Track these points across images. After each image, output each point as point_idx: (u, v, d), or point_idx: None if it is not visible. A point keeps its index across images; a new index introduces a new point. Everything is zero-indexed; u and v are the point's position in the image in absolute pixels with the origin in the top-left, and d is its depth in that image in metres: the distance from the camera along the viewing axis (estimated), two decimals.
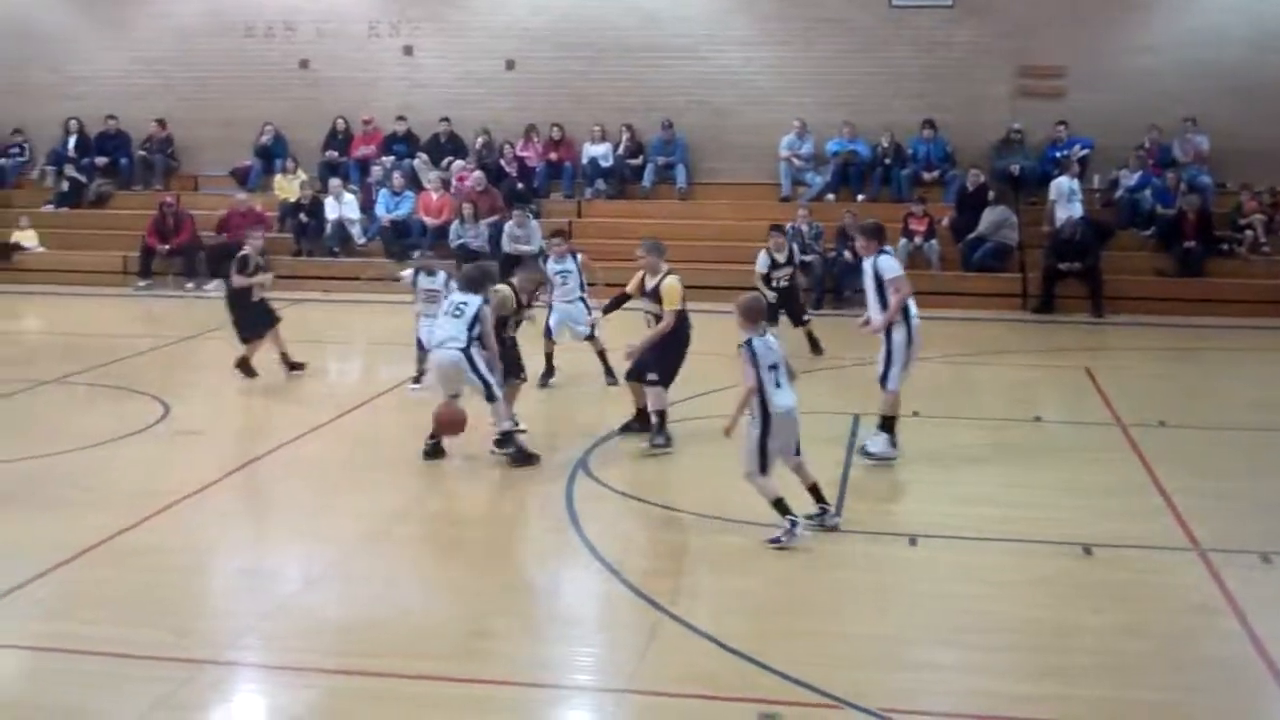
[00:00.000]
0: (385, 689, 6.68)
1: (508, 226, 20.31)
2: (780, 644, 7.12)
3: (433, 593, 8.19)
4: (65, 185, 23.27)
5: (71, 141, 23.85)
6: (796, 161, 21.98)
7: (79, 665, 6.93)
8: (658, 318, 11.59)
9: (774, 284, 15.39)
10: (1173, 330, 17.75)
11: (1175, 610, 7.86)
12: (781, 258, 15.57)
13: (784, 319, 15.32)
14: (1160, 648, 7.25)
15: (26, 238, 22.25)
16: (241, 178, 23.07)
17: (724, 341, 16.64)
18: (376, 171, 22.36)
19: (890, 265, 10.75)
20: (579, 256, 14.88)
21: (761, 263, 15.59)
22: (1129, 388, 13.97)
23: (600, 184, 22.42)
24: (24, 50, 24.23)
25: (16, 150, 24.34)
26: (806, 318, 15.81)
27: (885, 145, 21.84)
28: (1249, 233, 19.86)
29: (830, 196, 21.67)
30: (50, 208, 23.19)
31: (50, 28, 24.32)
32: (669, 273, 11.67)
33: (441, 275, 13.69)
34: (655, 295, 11.57)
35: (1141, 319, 18.36)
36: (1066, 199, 19.95)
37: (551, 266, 14.57)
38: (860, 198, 21.55)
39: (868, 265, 10.87)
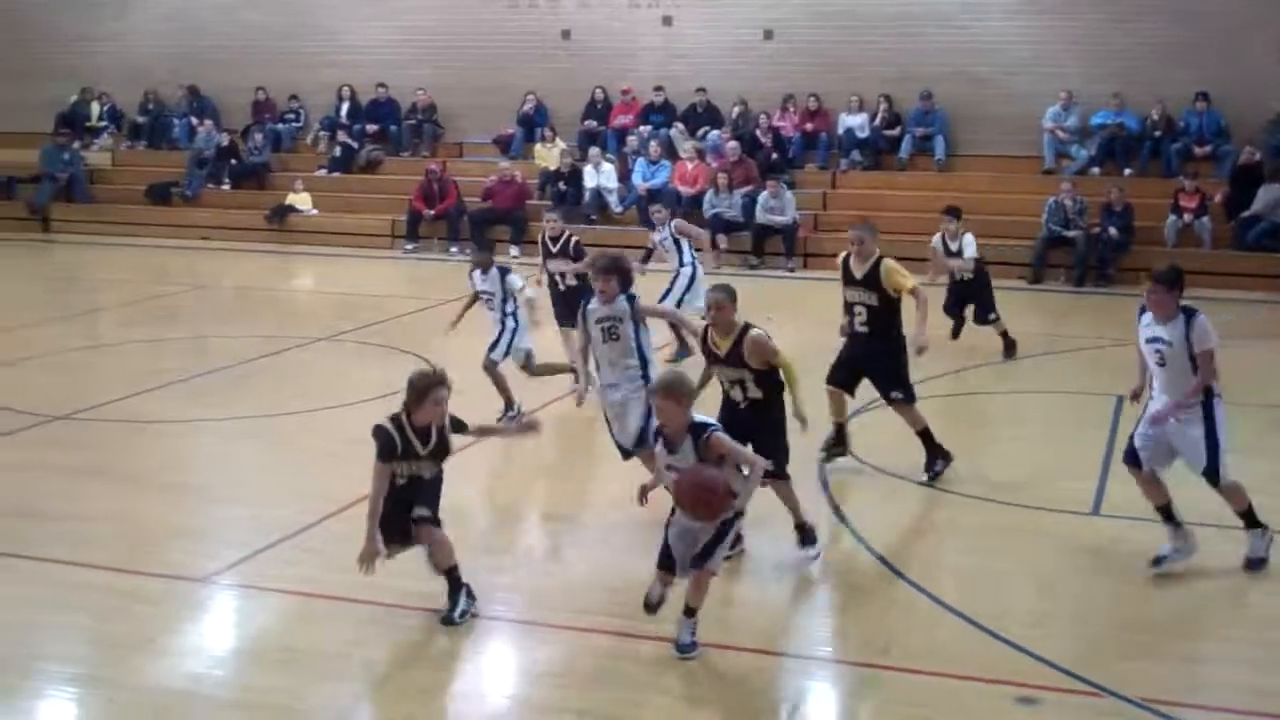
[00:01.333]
0: (648, 652, 6.79)
1: (762, 197, 20.33)
2: (1031, 623, 7.00)
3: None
4: (338, 151, 24.22)
5: (344, 108, 24.82)
6: (1061, 134, 21.34)
7: (343, 611, 7.28)
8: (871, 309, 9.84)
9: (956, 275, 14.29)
10: None
11: None
12: (954, 246, 14.38)
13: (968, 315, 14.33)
14: None
15: (300, 200, 23.27)
16: (504, 146, 23.64)
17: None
18: (633, 141, 22.62)
19: (1206, 333, 7.99)
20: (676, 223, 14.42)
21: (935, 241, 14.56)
22: None
23: (856, 155, 22.19)
24: (298, 20, 25.29)
25: (292, 116, 25.46)
26: (993, 316, 14.22)
27: (1155, 118, 21.01)
28: None
29: (1095, 170, 20.98)
30: (323, 172, 24.18)
31: None
32: (881, 257, 9.92)
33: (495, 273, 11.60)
34: (871, 282, 9.78)
35: None
36: None
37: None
38: (1127, 172, 20.78)
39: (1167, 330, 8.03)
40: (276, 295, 18.81)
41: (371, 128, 24.56)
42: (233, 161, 24.47)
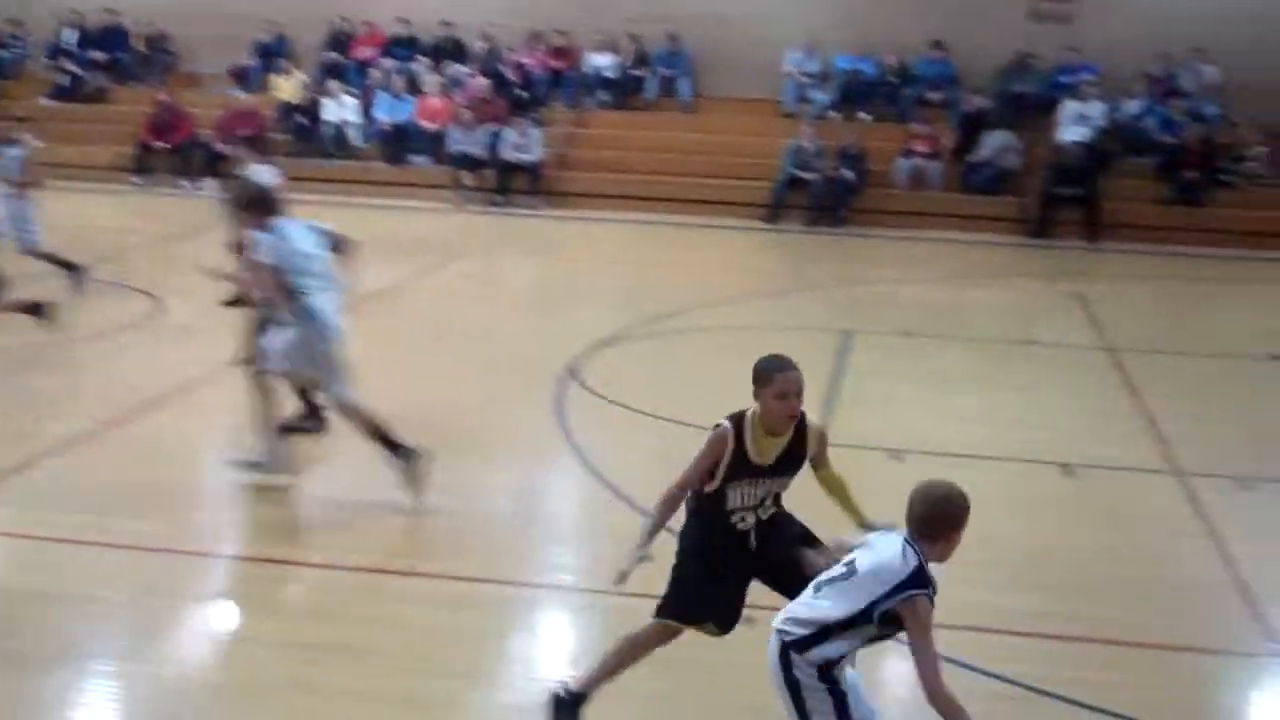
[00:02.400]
0: (370, 583, 6.75)
1: (507, 134, 20.20)
2: None
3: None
4: (64, 80, 23.06)
5: (70, 35, 23.62)
6: (802, 78, 21.79)
7: (70, 553, 6.99)
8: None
9: None
10: (1169, 259, 17.73)
11: (1151, 530, 7.96)
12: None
13: None
14: (1134, 565, 7.35)
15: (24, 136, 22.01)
16: (240, 77, 22.88)
17: (717, 255, 16.78)
18: (376, 74, 22.18)
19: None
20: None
21: None
22: (1122, 314, 14.00)
23: (603, 94, 22.24)
24: None
25: (13, 40, 24.11)
26: None
27: (892, 64, 21.67)
28: (1251, 164, 19.76)
29: (834, 114, 21.52)
30: (47, 101, 22.99)
31: None
32: None
33: None
34: None
35: (1138, 247, 18.29)
36: (1070, 125, 19.82)
37: None
38: (865, 116, 21.41)
39: None
40: None
41: (99, 56, 23.43)
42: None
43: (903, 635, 4.44)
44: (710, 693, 5.72)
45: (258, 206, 7.77)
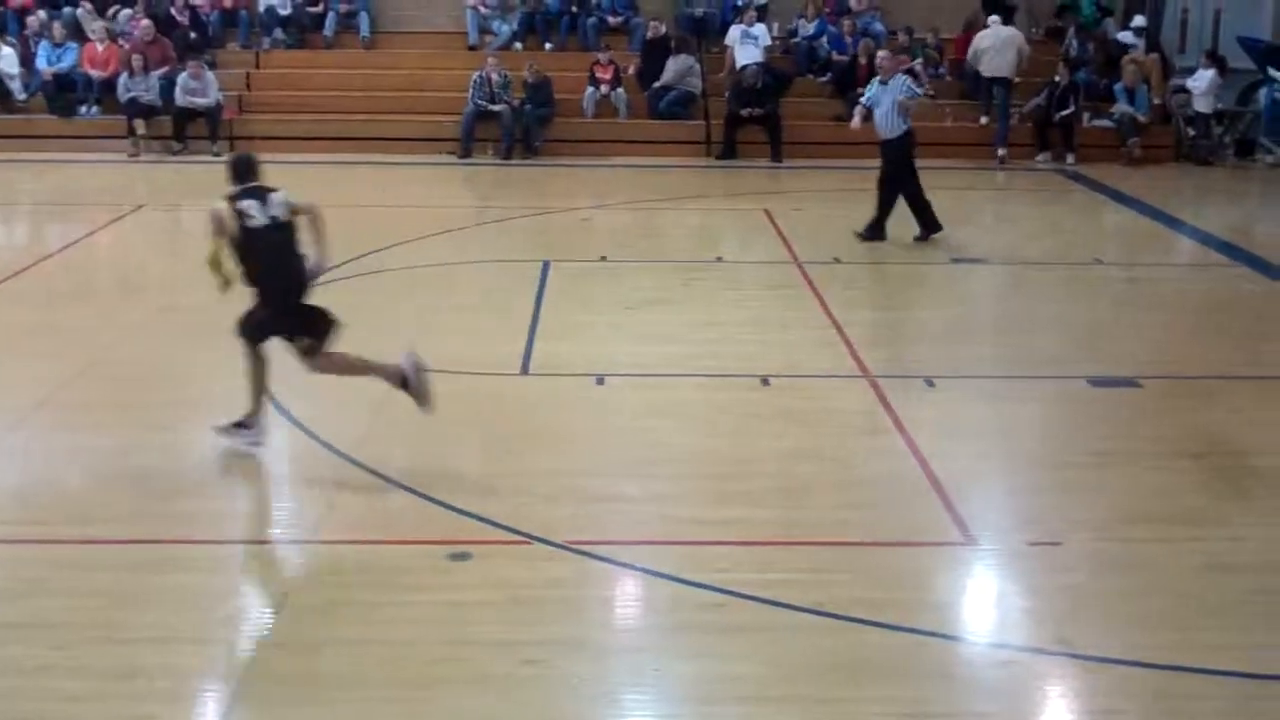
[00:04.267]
0: (69, 555, 6.49)
1: (181, 79, 19.37)
2: (468, 486, 7.20)
3: (113, 454, 7.86)
4: None
5: None
6: (483, 9, 21.60)
7: None
8: None
9: None
10: (847, 173, 18.33)
11: (847, 433, 8.32)
12: None
13: None
14: (833, 468, 7.67)
15: None
16: None
17: (409, 193, 16.57)
18: (34, 22, 20.90)
19: None
20: None
21: None
22: (806, 228, 14.47)
23: (279, 33, 21.54)
24: None
25: None
26: None
27: None
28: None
29: (518, 45, 21.44)
30: None
31: None
32: None
33: None
34: None
35: (819, 163, 18.89)
36: (743, 45, 20.27)
37: None
38: (548, 46, 21.41)
39: None
40: None
41: None
42: None
43: None
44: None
45: None
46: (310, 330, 7.76)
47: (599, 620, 5.98)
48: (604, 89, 20.18)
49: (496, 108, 19.35)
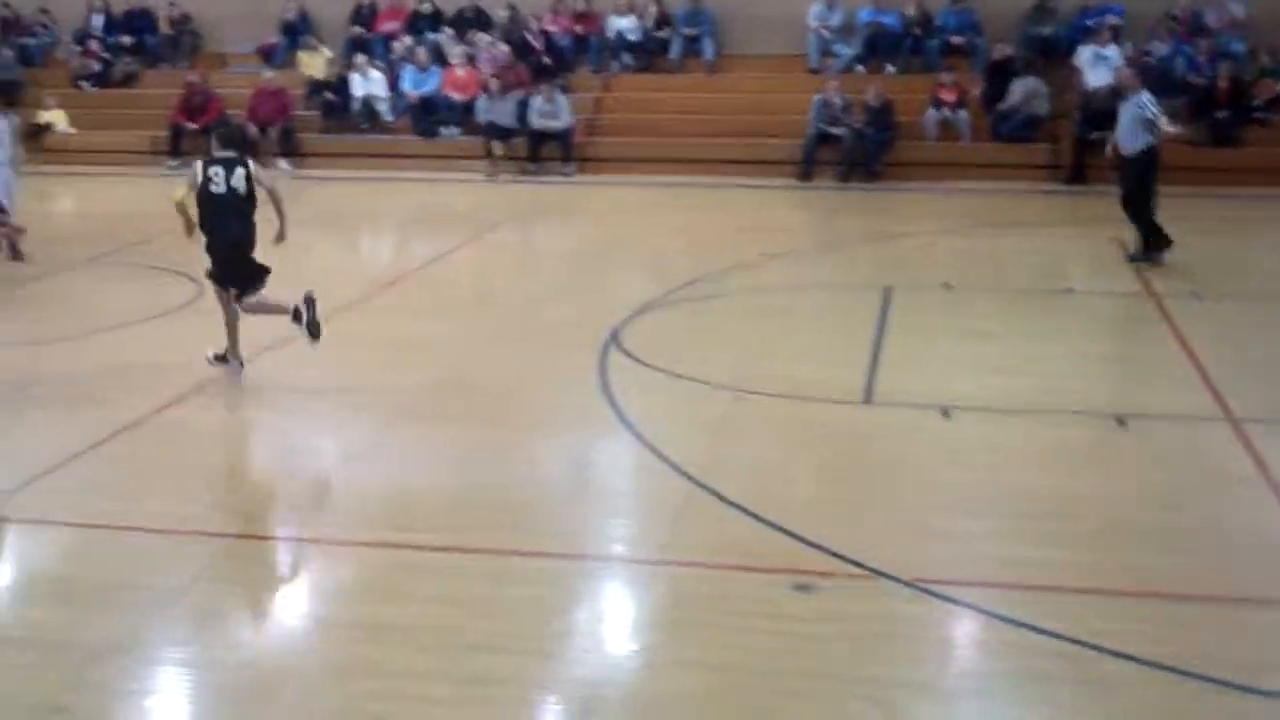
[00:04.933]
0: (425, 561, 6.78)
1: (535, 102, 20.17)
2: (812, 515, 7.20)
3: (467, 465, 8.24)
4: (93, 65, 23.13)
5: (98, 20, 23.69)
6: (825, 33, 21.65)
7: (122, 540, 7.07)
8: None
9: None
10: (1204, 200, 17.52)
11: (1207, 480, 7.91)
12: None
13: None
14: (1189, 518, 7.30)
15: (56, 118, 22.18)
16: (267, 55, 22.91)
17: (751, 215, 16.78)
18: (400, 48, 22.16)
19: None
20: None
21: None
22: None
23: (627, 58, 22.16)
24: None
25: (42, 29, 24.19)
26: None
27: (913, 15, 21.51)
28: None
29: (860, 68, 21.38)
30: (83, 85, 23.05)
31: None
32: None
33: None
34: None
35: (1173, 189, 17.99)
36: (1096, 68, 19.62)
37: None
38: (890, 69, 21.28)
39: None
40: (35, 218, 17.92)
41: (127, 40, 23.49)
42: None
43: None
44: None
45: None
46: (238, 282, 9.62)
47: (945, 663, 5.88)
48: (947, 111, 19.90)
49: (837, 131, 19.36)
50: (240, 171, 9.50)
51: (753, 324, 11.54)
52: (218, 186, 9.46)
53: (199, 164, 9.61)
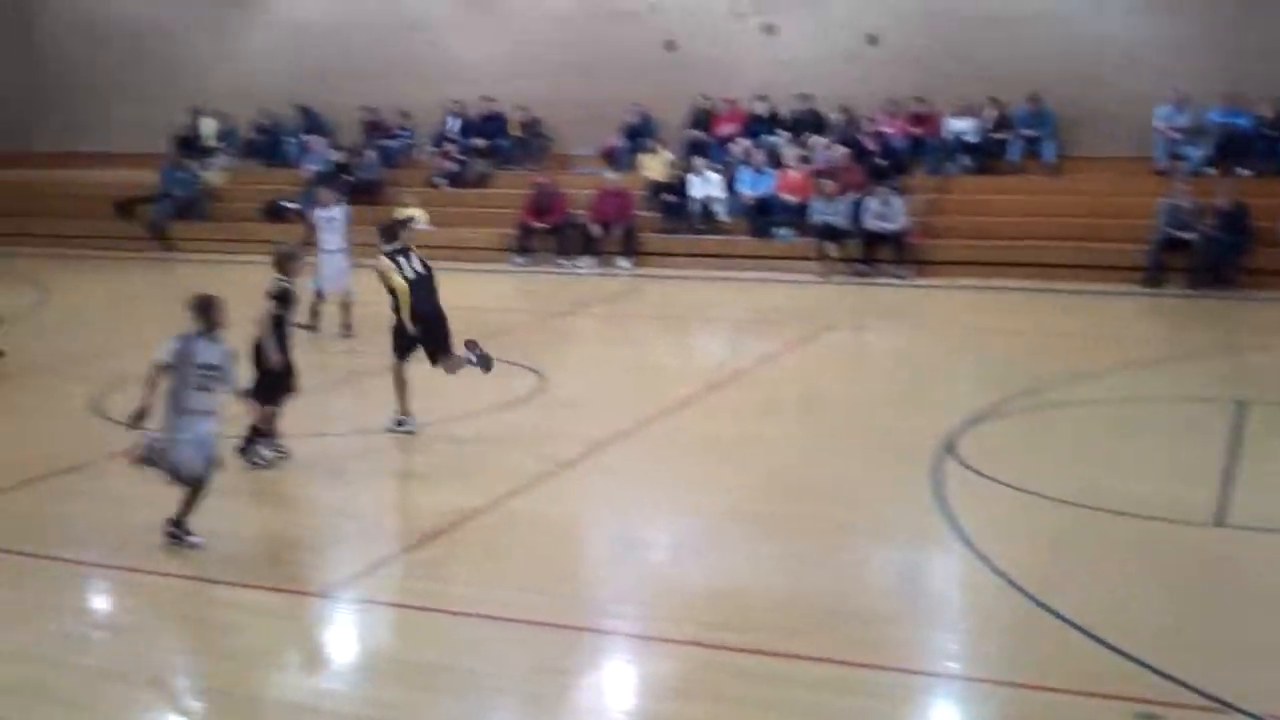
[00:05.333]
0: (751, 665, 6.78)
1: (870, 203, 20.20)
2: (1157, 640, 6.86)
3: (798, 569, 8.23)
4: (449, 165, 24.49)
5: (454, 123, 25.12)
6: (1173, 134, 20.92)
7: (462, 626, 7.35)
8: None
9: None
10: None
11: None
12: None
13: None
14: None
15: (416, 214, 23.49)
16: (610, 158, 23.75)
17: (1093, 323, 16.26)
18: (737, 150, 22.61)
19: None
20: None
21: None
22: None
23: (964, 159, 21.96)
24: (411, 37, 25.64)
25: (403, 132, 25.81)
26: None
27: (1268, 116, 20.53)
28: None
29: (1210, 170, 20.53)
30: (439, 185, 24.42)
31: (435, 14, 25.67)
32: None
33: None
34: None
35: None
36: None
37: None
38: (1243, 171, 20.34)
39: None
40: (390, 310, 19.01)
41: (480, 143, 24.81)
42: (345, 178, 24.86)
43: None
44: None
45: None
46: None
47: None
48: None
49: (1187, 236, 18.61)
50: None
51: (1095, 436, 11.16)
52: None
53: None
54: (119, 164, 26.80)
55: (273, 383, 10.20)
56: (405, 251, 11.46)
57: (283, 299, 10.48)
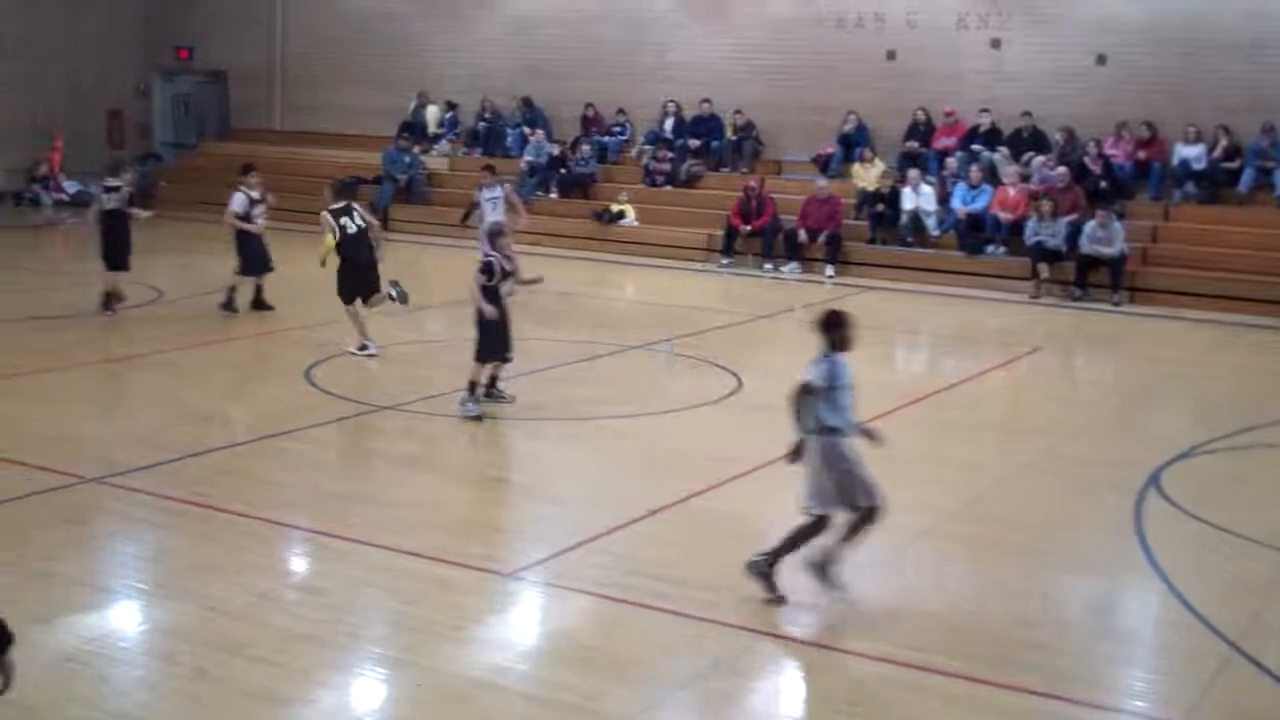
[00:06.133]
0: (923, 682, 6.70)
1: (1088, 226, 19.69)
2: None
3: (987, 594, 8.09)
4: (663, 164, 24.67)
5: (669, 123, 25.31)
6: None
7: (645, 618, 7.41)
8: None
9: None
10: None
11: None
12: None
13: None
14: None
15: (627, 211, 23.84)
16: (822, 165, 23.64)
17: None
18: (954, 164, 22.26)
19: None
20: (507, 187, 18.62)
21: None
22: None
23: (1190, 187, 21.21)
24: (637, 37, 25.92)
25: (619, 129, 26.10)
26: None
27: None
28: None
29: None
30: (651, 183, 24.66)
31: (658, 15, 25.90)
32: None
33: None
34: None
35: None
36: None
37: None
38: None
39: None
40: (595, 302, 19.31)
41: (694, 143, 24.94)
42: (561, 171, 25.28)
43: None
44: None
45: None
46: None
47: None
48: None
49: None
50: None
51: None
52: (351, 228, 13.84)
53: (325, 215, 14.04)
54: (349, 145, 27.81)
55: (488, 344, 11.50)
56: (349, 210, 14.09)
57: (487, 270, 11.47)
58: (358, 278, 13.98)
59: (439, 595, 7.67)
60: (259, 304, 16.27)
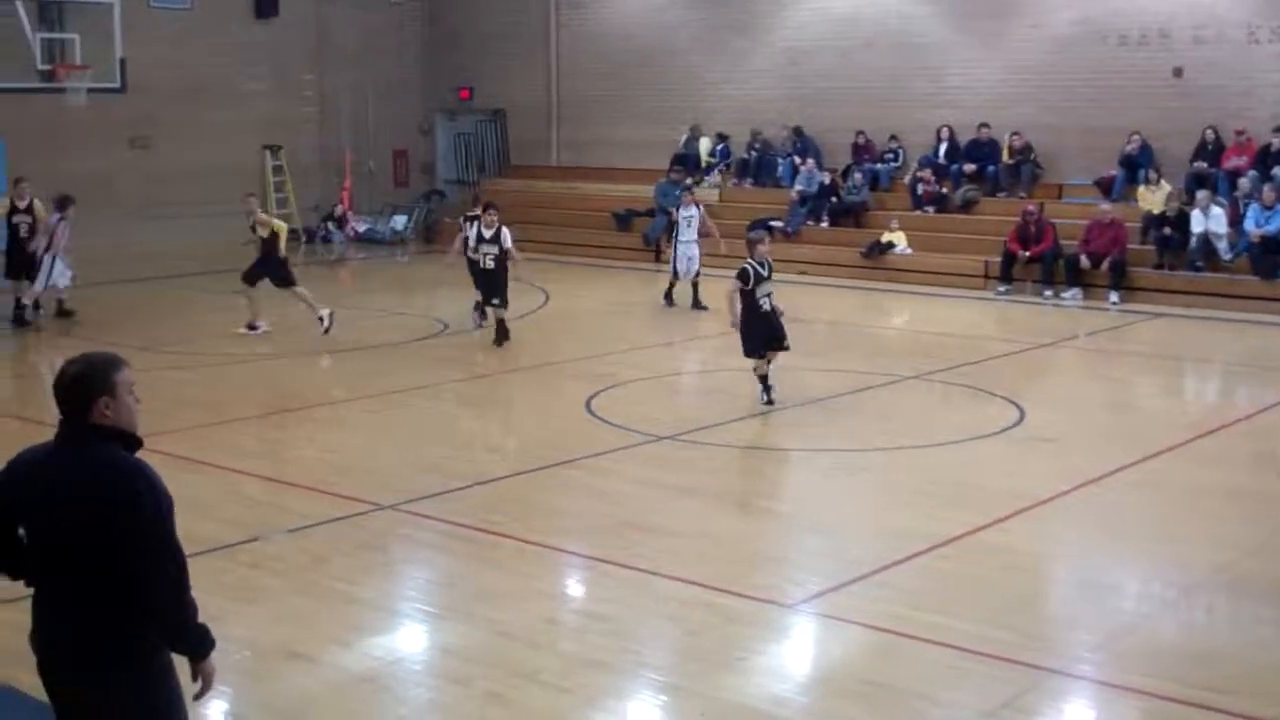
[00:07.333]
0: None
1: None
2: None
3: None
4: (936, 189, 24.36)
5: (942, 148, 24.96)
6: None
7: (927, 653, 7.32)
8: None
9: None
10: None
11: None
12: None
13: None
14: None
15: (896, 238, 23.61)
16: (1105, 187, 22.89)
17: None
18: (1245, 184, 21.27)
19: None
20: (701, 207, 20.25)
21: None
22: None
23: None
24: (909, 62, 25.65)
25: (891, 156, 25.89)
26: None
27: None
28: None
29: None
30: (924, 209, 24.37)
31: (930, 40, 25.58)
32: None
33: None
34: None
35: None
36: None
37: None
38: None
39: None
40: (867, 331, 19.17)
41: (969, 167, 24.53)
42: (832, 200, 25.20)
43: None
44: None
45: None
46: None
47: None
48: None
49: None
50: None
51: None
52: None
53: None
54: (621, 179, 28.36)
55: (755, 342, 12.94)
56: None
57: (742, 276, 12.93)
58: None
59: (721, 625, 7.75)
60: (499, 336, 16.44)
